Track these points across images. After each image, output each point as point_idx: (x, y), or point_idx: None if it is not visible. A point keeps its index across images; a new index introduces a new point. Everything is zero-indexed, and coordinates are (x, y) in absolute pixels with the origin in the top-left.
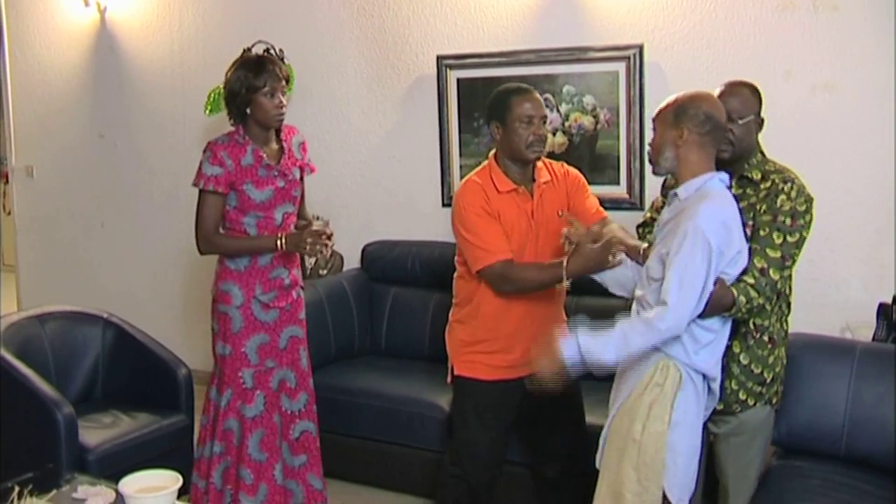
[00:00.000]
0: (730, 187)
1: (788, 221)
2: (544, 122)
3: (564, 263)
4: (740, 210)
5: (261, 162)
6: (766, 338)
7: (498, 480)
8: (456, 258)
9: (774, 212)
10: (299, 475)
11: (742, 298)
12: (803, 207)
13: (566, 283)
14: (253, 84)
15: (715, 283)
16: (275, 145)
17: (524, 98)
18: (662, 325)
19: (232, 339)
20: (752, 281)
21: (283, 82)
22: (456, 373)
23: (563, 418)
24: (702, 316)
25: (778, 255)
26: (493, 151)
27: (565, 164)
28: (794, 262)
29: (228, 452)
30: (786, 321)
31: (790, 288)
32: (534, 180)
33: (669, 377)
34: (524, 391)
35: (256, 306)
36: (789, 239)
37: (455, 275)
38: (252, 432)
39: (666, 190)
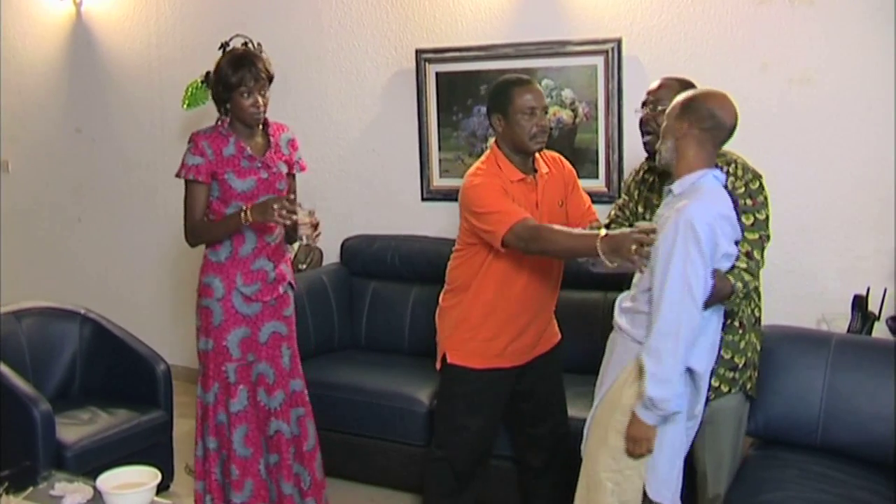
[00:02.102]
0: (725, 185)
1: (749, 202)
2: (546, 113)
3: (601, 235)
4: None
5: (243, 153)
6: (735, 323)
7: (483, 469)
8: (456, 246)
9: (733, 198)
10: (272, 474)
11: (739, 284)
12: (756, 185)
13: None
14: (229, 81)
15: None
16: (260, 139)
17: (525, 89)
18: (682, 331)
19: (213, 333)
20: (744, 265)
21: (265, 81)
22: (449, 361)
23: (548, 408)
24: (704, 307)
25: (756, 236)
26: (493, 141)
27: (559, 156)
28: (769, 240)
29: (223, 447)
30: (758, 308)
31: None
32: (535, 171)
33: None
34: (514, 381)
35: (238, 298)
36: (758, 217)
37: (452, 264)
38: (236, 427)
39: (627, 186)
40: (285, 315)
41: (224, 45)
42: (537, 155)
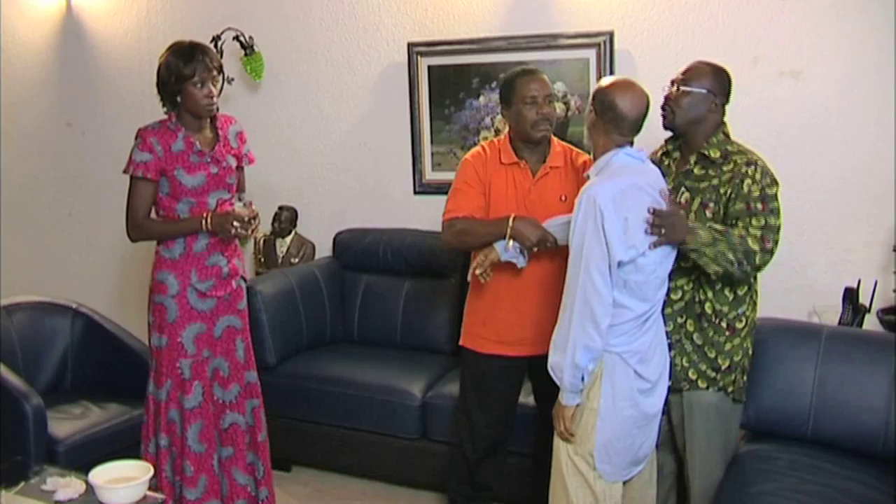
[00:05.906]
0: (656, 161)
1: (760, 206)
2: (550, 101)
3: (510, 219)
4: (696, 189)
5: (192, 148)
6: (723, 324)
7: (497, 464)
8: None
9: (744, 199)
10: (225, 467)
11: (706, 235)
12: (773, 191)
13: (522, 261)
14: (182, 73)
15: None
16: (209, 133)
17: (529, 78)
18: (577, 302)
19: (168, 330)
20: (754, 235)
21: (216, 72)
22: (460, 343)
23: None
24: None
25: (758, 242)
26: (507, 128)
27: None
28: (775, 245)
29: (174, 444)
30: (753, 311)
31: (756, 278)
32: (544, 162)
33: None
34: (523, 373)
35: (193, 295)
36: (770, 222)
37: None
38: (191, 424)
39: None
40: (239, 309)
41: (216, 39)
42: (559, 149)
